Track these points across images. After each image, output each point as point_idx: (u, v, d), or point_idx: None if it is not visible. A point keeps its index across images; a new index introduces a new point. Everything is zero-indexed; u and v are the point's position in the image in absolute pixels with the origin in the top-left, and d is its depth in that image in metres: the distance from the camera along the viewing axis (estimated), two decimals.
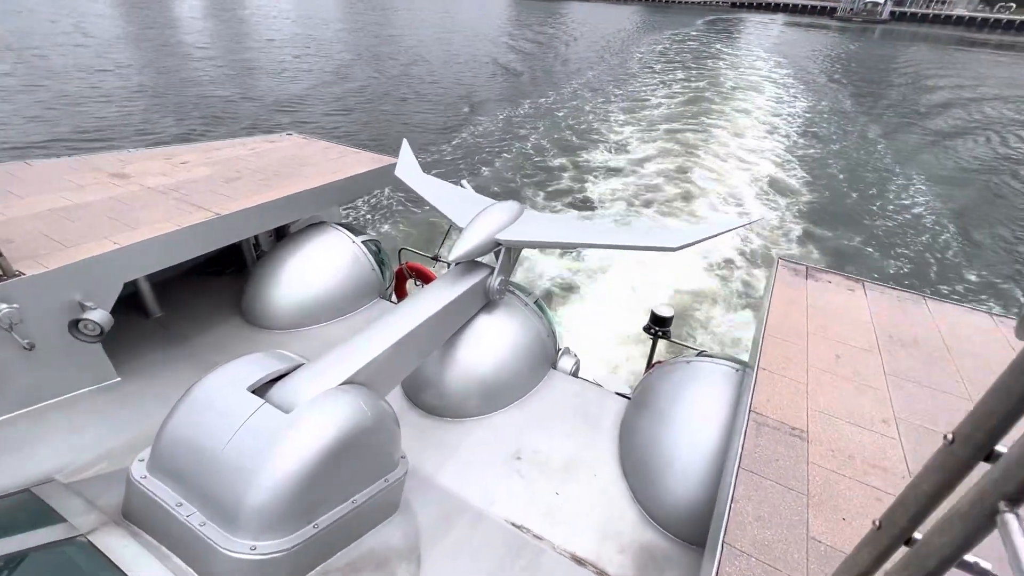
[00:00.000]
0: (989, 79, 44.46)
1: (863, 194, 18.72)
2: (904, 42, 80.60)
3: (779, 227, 15.34)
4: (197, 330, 4.32)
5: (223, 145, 5.35)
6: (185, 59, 33.12)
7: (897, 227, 16.15)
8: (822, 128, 26.67)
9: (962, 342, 3.20)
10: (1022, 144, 26.14)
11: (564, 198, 16.16)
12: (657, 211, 15.57)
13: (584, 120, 24.83)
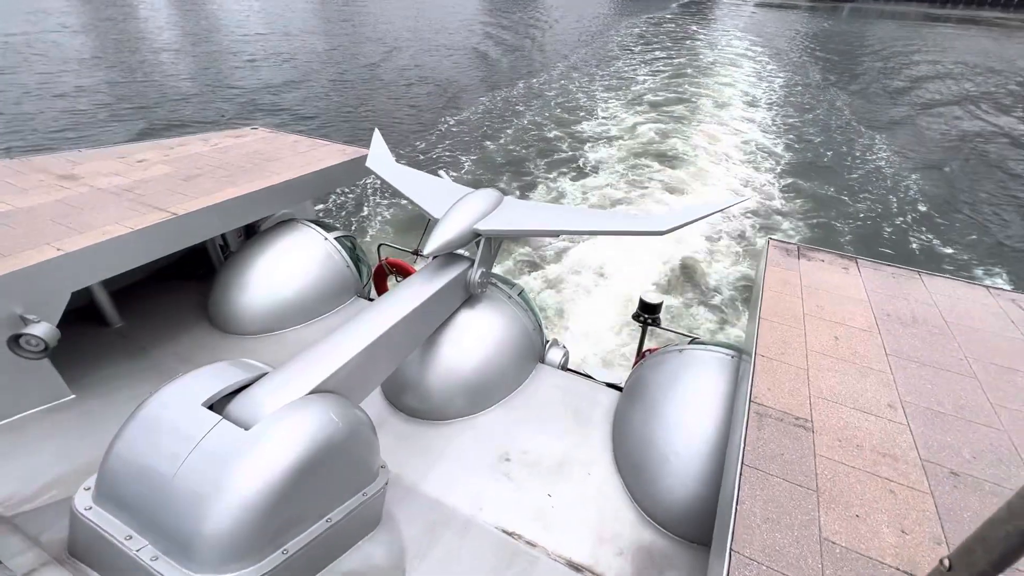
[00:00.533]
0: (952, 51, 48.38)
1: (841, 164, 19.59)
2: (872, 19, 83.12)
3: (763, 206, 15.26)
4: (160, 339, 4.02)
5: (184, 141, 4.99)
6: (149, 55, 31.84)
7: (877, 200, 16.25)
8: (800, 100, 28.39)
9: (961, 318, 3.06)
10: (989, 111, 28.00)
11: (565, 166, 17.35)
12: (648, 176, 16.45)
13: (573, 98, 26.32)
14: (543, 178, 16.73)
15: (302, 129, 19.39)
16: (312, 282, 4.29)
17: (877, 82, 35.37)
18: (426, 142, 19.53)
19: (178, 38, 37.85)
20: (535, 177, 16.90)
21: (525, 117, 23.25)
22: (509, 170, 17.44)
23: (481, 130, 21.36)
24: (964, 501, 1.96)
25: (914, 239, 13.96)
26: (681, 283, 10.70)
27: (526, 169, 17.49)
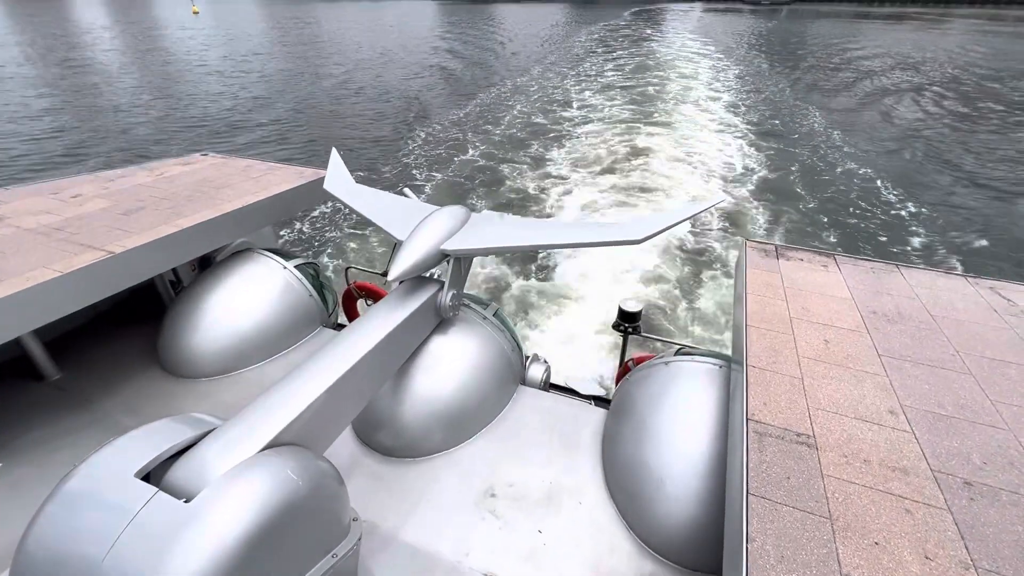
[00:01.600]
0: (883, 43, 54.94)
1: (792, 142, 21.12)
2: (810, 19, 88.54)
3: (737, 204, 15.57)
4: (105, 390, 3.60)
5: (125, 173, 4.56)
6: (96, 84, 30.52)
7: (839, 193, 16.56)
8: (753, 86, 31.99)
9: (945, 310, 2.94)
10: (920, 89, 32.26)
11: (557, 143, 20.68)
12: (623, 141, 20.02)
13: (552, 93, 29.99)
14: (537, 151, 19.74)
15: (257, 154, 18.73)
16: (272, 315, 3.92)
17: (819, 70, 40.00)
18: (391, 159, 19.08)
19: (120, 67, 36.66)
20: (531, 151, 19.82)
21: (515, 108, 26.44)
22: (507, 149, 19.96)
23: (459, 133, 22.08)
24: (983, 515, 1.80)
25: (871, 224, 14.26)
26: (658, 287, 10.55)
27: (522, 147, 20.30)
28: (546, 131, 22.66)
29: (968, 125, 25.46)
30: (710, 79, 34.66)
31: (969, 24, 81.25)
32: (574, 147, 20.40)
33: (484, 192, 16.25)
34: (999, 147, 21.55)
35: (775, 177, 17.49)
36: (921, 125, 25.40)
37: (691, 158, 18.95)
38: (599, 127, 23.02)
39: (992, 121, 25.74)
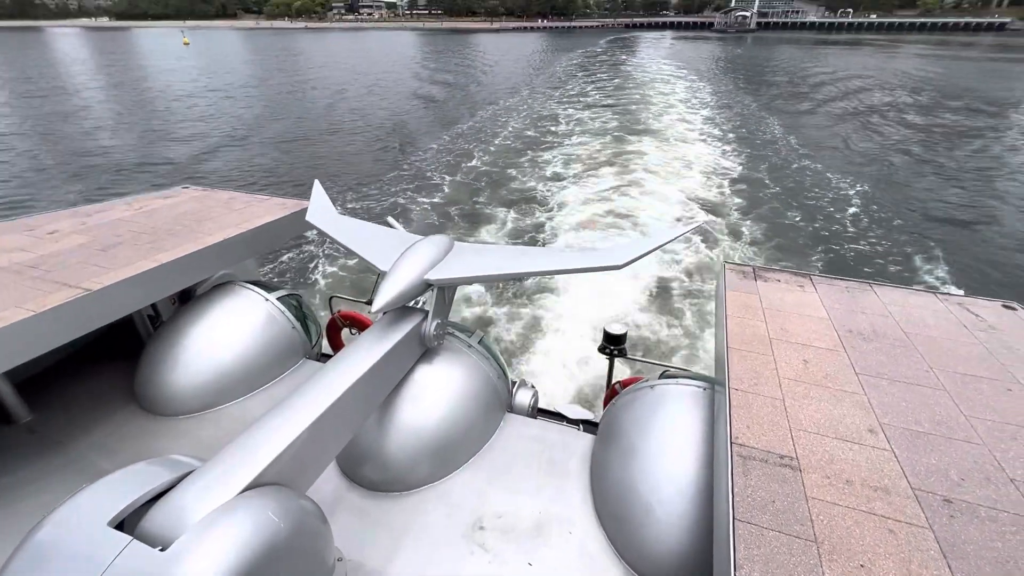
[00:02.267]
0: (844, 66, 59.63)
1: (763, 159, 22.02)
2: (774, 45, 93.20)
3: (717, 221, 15.87)
4: (79, 431, 3.44)
5: (104, 207, 4.45)
6: (79, 118, 29.92)
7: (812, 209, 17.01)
8: (725, 110, 33.83)
9: (918, 327, 3.00)
10: (880, 109, 34.37)
11: (553, 150, 23.47)
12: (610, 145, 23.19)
13: (542, 110, 33.29)
14: (537, 157, 22.30)
15: (239, 185, 18.49)
16: (253, 348, 3.82)
17: (787, 89, 43.64)
18: (378, 186, 19.00)
19: (102, 101, 36.11)
20: (530, 157, 22.30)
21: (509, 125, 28.84)
22: (509, 155, 22.36)
23: (465, 144, 23.77)
24: (964, 532, 1.80)
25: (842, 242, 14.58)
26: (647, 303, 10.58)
27: (520, 154, 22.97)
28: (539, 142, 25.44)
29: (923, 137, 27.07)
30: (686, 96, 38.35)
31: (919, 48, 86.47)
32: (566, 153, 23.32)
33: (490, 193, 18.15)
34: (953, 162, 22.49)
35: (750, 192, 17.96)
36: (882, 140, 26.70)
37: (672, 162, 21.22)
38: (587, 138, 25.92)
39: (946, 137, 27.21)
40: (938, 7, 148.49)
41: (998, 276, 12.60)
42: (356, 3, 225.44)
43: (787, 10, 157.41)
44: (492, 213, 16.51)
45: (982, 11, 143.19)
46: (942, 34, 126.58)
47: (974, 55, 75.83)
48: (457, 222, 15.98)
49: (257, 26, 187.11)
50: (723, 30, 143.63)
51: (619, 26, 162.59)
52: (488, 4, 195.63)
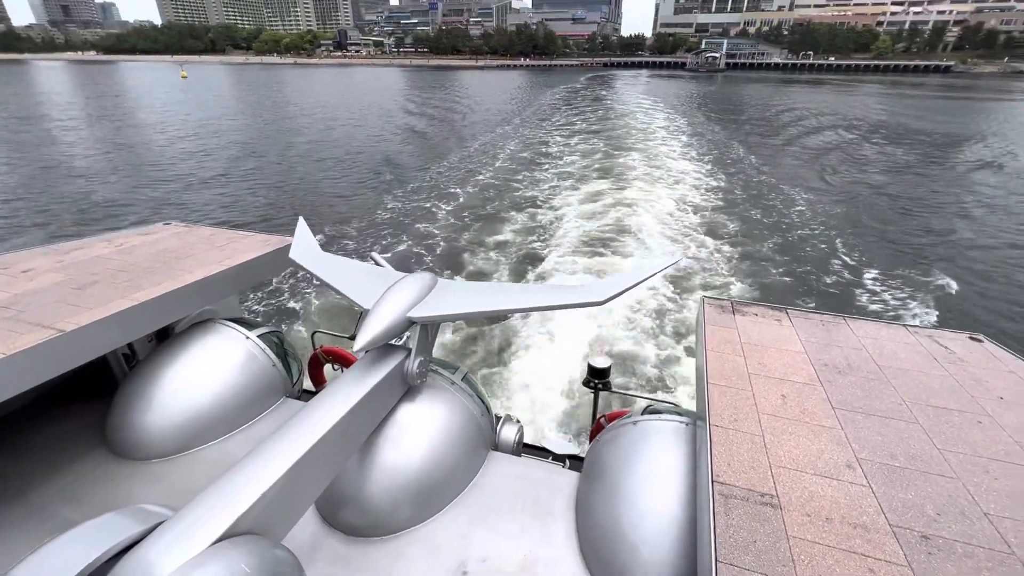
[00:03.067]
0: (808, 102, 64.93)
1: (737, 190, 22.79)
2: (743, 83, 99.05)
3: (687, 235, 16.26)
4: (44, 477, 3.24)
5: (83, 244, 4.32)
6: (63, 154, 29.30)
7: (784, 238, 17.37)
8: (700, 133, 37.75)
9: (890, 359, 3.04)
10: (840, 140, 37.50)
11: (545, 169, 26.70)
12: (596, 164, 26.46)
13: (535, 138, 36.92)
14: (535, 177, 25.13)
15: (223, 220, 18.20)
16: (232, 388, 3.68)
17: (760, 122, 47.10)
18: (367, 219, 18.88)
19: (86, 132, 35.73)
20: (528, 178, 25.06)
21: (507, 147, 32.51)
22: (511, 172, 25.39)
23: (473, 165, 25.31)
24: (942, 569, 1.79)
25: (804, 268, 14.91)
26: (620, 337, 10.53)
27: (521, 171, 26.09)
28: (536, 161, 29.04)
29: (889, 166, 28.52)
30: (665, 125, 43.03)
31: (877, 88, 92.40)
32: (560, 171, 26.65)
33: (498, 203, 20.51)
34: (918, 191, 23.49)
35: (726, 221, 18.39)
36: (852, 169, 28.16)
37: (655, 180, 23.91)
38: (576, 158, 29.76)
39: (909, 167, 28.78)
40: (890, 51, 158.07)
41: (964, 306, 12.85)
42: (344, 41, 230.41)
43: (753, 52, 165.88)
44: (501, 221, 18.26)
45: (929, 55, 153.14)
46: (894, 75, 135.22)
47: (926, 93, 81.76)
48: (492, 199, 17.11)
49: (247, 62, 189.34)
50: (695, 69, 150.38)
51: (597, 65, 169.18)
52: (472, 43, 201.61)
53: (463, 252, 15.70)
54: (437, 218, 19.00)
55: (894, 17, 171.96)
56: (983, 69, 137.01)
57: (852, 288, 13.72)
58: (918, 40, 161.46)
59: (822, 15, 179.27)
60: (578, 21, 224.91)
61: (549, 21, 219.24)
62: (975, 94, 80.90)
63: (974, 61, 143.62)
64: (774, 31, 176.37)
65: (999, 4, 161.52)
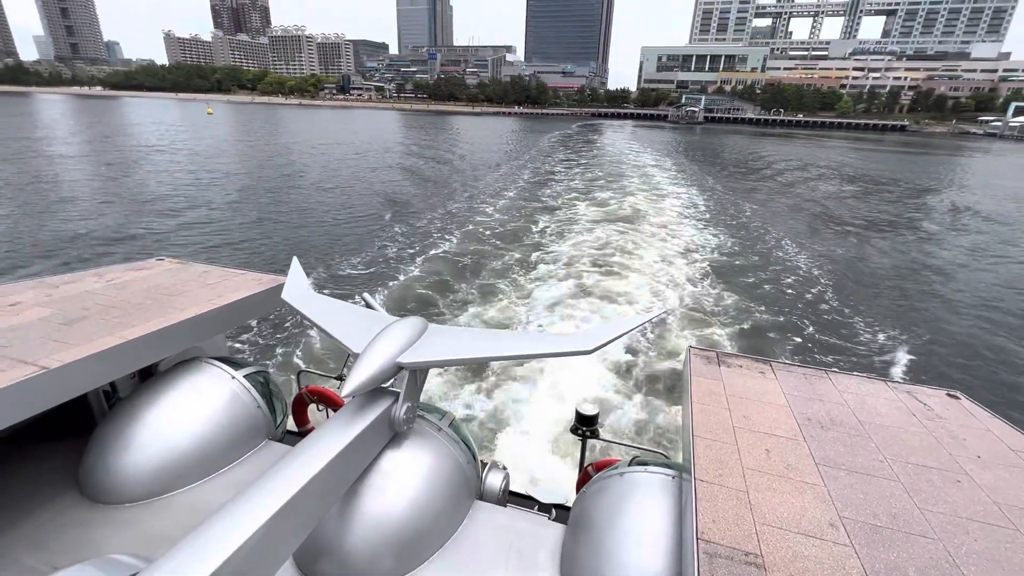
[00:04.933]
0: (778, 152, 71.85)
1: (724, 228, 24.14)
2: (719, 135, 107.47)
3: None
4: (10, 520, 3.00)
5: (73, 278, 4.18)
6: (47, 190, 27.91)
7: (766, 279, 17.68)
8: (684, 176, 41.57)
9: (872, 415, 3.01)
10: (813, 184, 41.42)
11: (553, 197, 30.90)
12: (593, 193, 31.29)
13: (537, 173, 41.48)
14: (547, 205, 28.74)
15: (217, 258, 17.82)
16: (214, 429, 3.50)
17: (736, 168, 51.39)
18: (361, 256, 18.63)
19: (79, 169, 34.80)
20: (539, 200, 29.82)
21: (520, 179, 37.36)
22: (525, 199, 29.66)
23: (497, 191, 29.65)
24: None
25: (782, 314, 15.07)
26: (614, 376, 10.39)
27: (533, 197, 30.73)
28: (544, 189, 33.94)
29: (864, 215, 29.76)
30: (654, 165, 48.47)
31: (842, 143, 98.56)
32: (564, 197, 30.83)
33: (520, 223, 23.30)
34: (894, 241, 24.19)
35: (713, 270, 18.42)
36: (828, 217, 29.40)
37: (649, 205, 27.83)
38: (578, 184, 35.31)
39: (884, 217, 30.00)
40: (851, 110, 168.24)
41: (939, 361, 12.72)
42: (347, 85, 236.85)
43: (729, 107, 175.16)
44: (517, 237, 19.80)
45: (887, 115, 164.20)
46: (856, 132, 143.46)
47: (889, 148, 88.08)
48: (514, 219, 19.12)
49: (252, 101, 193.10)
50: (675, 121, 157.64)
51: (586, 115, 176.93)
52: (469, 91, 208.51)
53: (455, 293, 15.50)
54: (434, 257, 18.85)
55: (855, 80, 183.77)
56: (934, 129, 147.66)
57: (829, 338, 13.67)
58: (876, 102, 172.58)
59: (790, 76, 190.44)
60: (568, 74, 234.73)
61: (541, 73, 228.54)
62: (932, 150, 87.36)
63: (926, 122, 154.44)
64: (748, 89, 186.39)
65: (947, 72, 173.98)
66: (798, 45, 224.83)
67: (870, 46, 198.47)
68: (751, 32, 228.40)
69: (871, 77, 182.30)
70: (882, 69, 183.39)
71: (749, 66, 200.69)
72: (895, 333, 14.04)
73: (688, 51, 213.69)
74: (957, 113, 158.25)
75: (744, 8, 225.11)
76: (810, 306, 15.71)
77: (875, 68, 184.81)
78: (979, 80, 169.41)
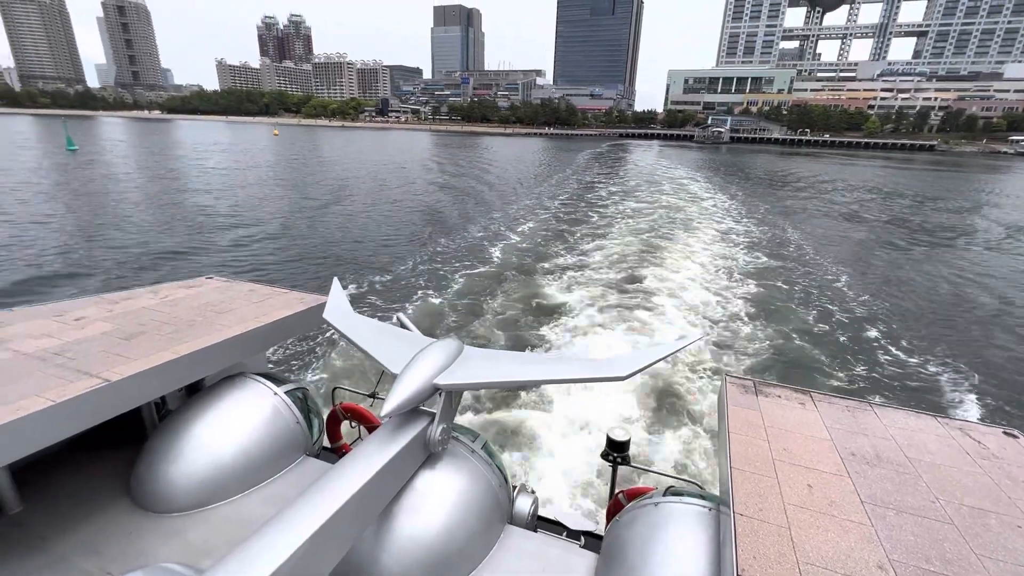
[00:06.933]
0: (808, 170, 72.86)
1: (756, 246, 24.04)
2: (745, 154, 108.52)
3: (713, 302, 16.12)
4: (65, 527, 3.08)
5: (131, 295, 4.33)
6: (118, 209, 28.86)
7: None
8: (714, 196, 42.55)
9: (921, 452, 2.80)
10: (848, 202, 41.34)
11: (596, 206, 34.39)
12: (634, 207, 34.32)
13: (583, 182, 47.95)
14: (590, 203, 34.99)
15: (259, 276, 18.01)
16: (256, 443, 3.53)
17: (765, 187, 51.47)
18: (398, 275, 18.48)
19: (135, 191, 35.66)
20: (586, 202, 35.63)
21: (570, 185, 43.78)
22: (577, 201, 35.92)
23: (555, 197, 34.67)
24: None
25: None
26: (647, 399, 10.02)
27: (582, 199, 36.88)
28: (590, 195, 38.82)
29: (905, 234, 28.63)
30: (687, 180, 51.93)
31: (868, 162, 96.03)
32: (599, 211, 32.97)
33: (567, 223, 26.38)
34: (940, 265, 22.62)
35: (748, 291, 17.64)
36: (868, 233, 28.62)
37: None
38: (614, 198, 38.70)
39: (928, 234, 28.91)
40: (879, 131, 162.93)
41: (994, 396, 11.46)
42: (386, 108, 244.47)
43: (755, 127, 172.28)
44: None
45: (915, 135, 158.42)
46: (884, 152, 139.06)
47: (922, 168, 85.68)
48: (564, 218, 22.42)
49: (299, 123, 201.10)
50: (701, 141, 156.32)
51: (614, 135, 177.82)
52: (501, 113, 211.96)
53: (488, 310, 15.23)
54: (471, 274, 18.58)
55: (883, 101, 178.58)
56: (964, 148, 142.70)
57: (871, 368, 12.52)
58: (904, 122, 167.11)
59: (817, 98, 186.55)
60: (596, 96, 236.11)
61: (569, 96, 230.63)
62: (965, 169, 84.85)
63: (956, 141, 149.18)
64: (774, 110, 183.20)
65: (979, 92, 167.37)
66: (826, 67, 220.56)
67: (899, 67, 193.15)
68: (778, 54, 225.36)
69: (900, 98, 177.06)
70: (911, 90, 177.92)
71: (776, 88, 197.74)
72: (945, 364, 12.71)
73: (714, 73, 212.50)
74: (988, 133, 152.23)
75: (771, 31, 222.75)
76: (851, 333, 14.48)
77: (904, 89, 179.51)
78: (1012, 100, 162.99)
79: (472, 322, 14.48)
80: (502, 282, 17.89)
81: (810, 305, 16.60)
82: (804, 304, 16.67)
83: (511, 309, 15.49)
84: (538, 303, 15.99)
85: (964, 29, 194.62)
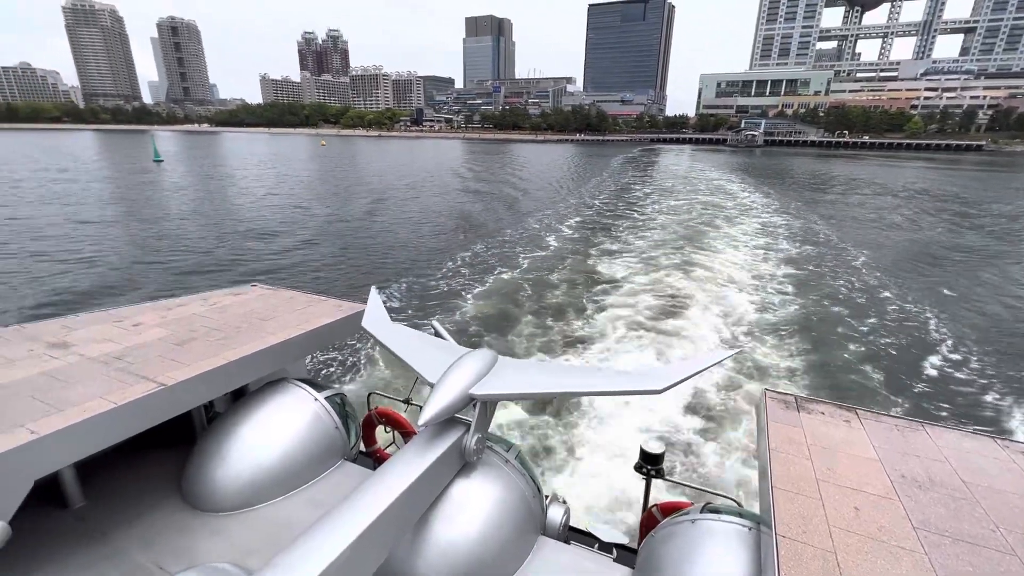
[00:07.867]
0: (849, 173, 71.01)
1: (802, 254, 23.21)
2: (780, 157, 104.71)
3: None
4: (123, 521, 3.24)
5: (183, 302, 4.54)
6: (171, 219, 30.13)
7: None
8: (752, 198, 42.15)
9: (978, 476, 2.61)
10: (895, 206, 39.42)
11: (633, 205, 36.31)
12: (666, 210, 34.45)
13: (620, 184, 50.87)
14: (629, 203, 36.82)
15: (300, 283, 18.30)
16: (298, 447, 3.62)
17: (805, 190, 50.31)
18: (434, 279, 18.55)
19: (186, 201, 37.01)
20: (624, 202, 37.53)
21: (609, 186, 45.74)
22: (614, 200, 37.75)
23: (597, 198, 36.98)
24: None
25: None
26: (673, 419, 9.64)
27: (619, 199, 38.83)
28: (628, 194, 41.58)
29: (960, 242, 26.69)
30: (723, 180, 52.83)
31: (912, 163, 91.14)
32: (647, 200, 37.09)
33: (610, 218, 28.40)
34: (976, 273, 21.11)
35: (785, 303, 16.68)
36: (916, 236, 27.43)
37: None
38: (657, 196, 40.68)
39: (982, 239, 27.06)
40: (923, 131, 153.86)
41: None
42: (420, 117, 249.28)
43: (790, 131, 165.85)
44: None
45: (961, 136, 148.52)
46: (928, 153, 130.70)
47: (971, 169, 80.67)
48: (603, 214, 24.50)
49: (338, 134, 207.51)
50: (735, 145, 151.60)
51: (645, 140, 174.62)
52: (532, 121, 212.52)
53: (522, 318, 14.98)
54: (505, 281, 18.35)
55: (927, 100, 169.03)
56: (1015, 148, 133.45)
57: (922, 383, 11.60)
58: (950, 122, 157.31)
59: (856, 99, 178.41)
60: (626, 102, 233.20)
61: (600, 102, 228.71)
62: (1020, 170, 79.76)
63: (1006, 140, 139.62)
64: (810, 113, 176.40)
65: None
66: (865, 67, 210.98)
67: (945, 65, 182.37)
68: (815, 55, 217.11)
69: (945, 97, 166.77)
70: (958, 88, 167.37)
71: (812, 89, 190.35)
72: (1004, 381, 11.70)
73: (748, 77, 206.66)
74: None
75: (807, 32, 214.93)
76: (899, 345, 13.52)
77: (950, 87, 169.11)
78: None
79: (503, 327, 14.34)
80: (535, 287, 17.91)
81: (855, 316, 15.56)
82: (848, 315, 15.68)
83: (541, 315, 15.42)
84: (571, 310, 15.92)
85: (1016, 24, 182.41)
